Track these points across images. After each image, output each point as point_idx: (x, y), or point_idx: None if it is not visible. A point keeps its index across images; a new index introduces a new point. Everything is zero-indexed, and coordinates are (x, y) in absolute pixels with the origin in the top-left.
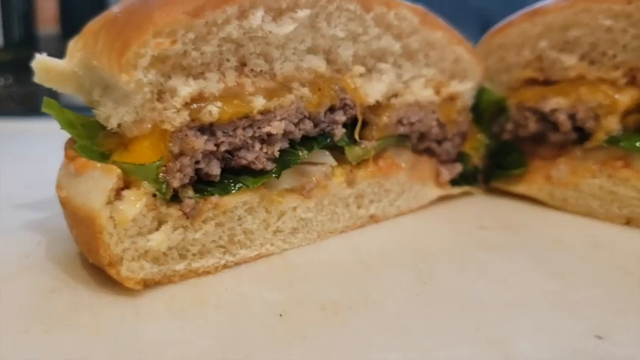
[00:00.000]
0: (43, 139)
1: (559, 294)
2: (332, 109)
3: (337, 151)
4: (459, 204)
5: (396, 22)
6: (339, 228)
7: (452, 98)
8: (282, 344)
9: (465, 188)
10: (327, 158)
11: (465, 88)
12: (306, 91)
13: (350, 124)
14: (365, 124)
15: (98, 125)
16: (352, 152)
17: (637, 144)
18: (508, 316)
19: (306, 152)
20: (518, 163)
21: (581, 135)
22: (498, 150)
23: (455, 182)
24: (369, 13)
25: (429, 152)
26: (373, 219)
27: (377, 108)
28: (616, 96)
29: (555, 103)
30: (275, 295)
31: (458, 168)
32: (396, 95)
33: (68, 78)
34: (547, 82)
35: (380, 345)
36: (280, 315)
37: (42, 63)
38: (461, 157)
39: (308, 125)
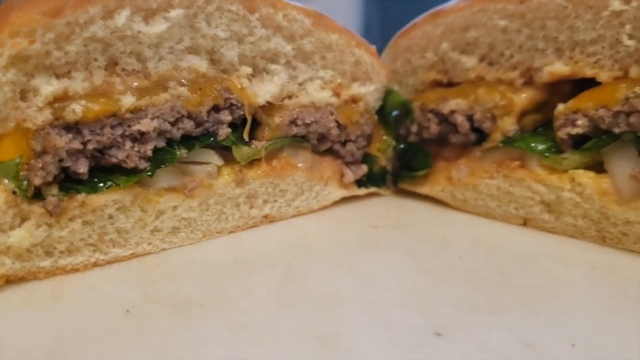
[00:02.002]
0: None
1: (420, 292)
2: (217, 109)
3: (229, 151)
4: (364, 204)
5: (285, 23)
6: (227, 228)
7: (354, 100)
8: (118, 338)
9: (373, 189)
10: (212, 157)
11: (367, 91)
12: (184, 90)
13: (241, 124)
14: (259, 124)
15: None
16: (240, 152)
17: (532, 144)
18: (358, 312)
19: (184, 151)
20: (424, 164)
21: (481, 136)
22: (406, 151)
23: (362, 183)
24: (253, 14)
25: (332, 153)
26: (268, 219)
27: (270, 108)
28: (512, 96)
29: (454, 104)
30: (133, 292)
31: (363, 169)
32: (290, 96)
33: None
34: (451, 84)
35: (215, 340)
36: (128, 311)
37: None
38: (367, 158)
39: (188, 124)
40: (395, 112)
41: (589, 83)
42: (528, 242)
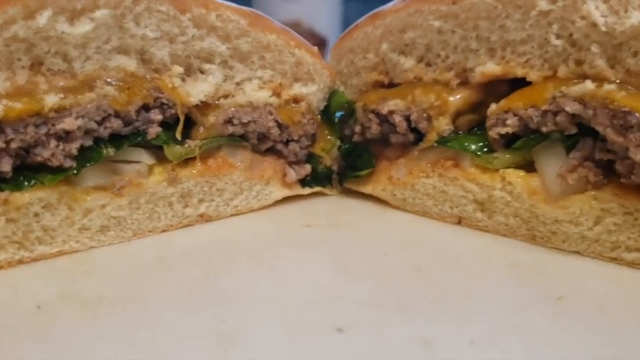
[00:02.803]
0: None
1: (332, 289)
2: (147, 108)
3: (162, 150)
4: (307, 204)
5: (219, 23)
6: (160, 226)
7: (296, 100)
8: (19, 334)
9: (317, 189)
10: (142, 156)
11: (310, 91)
12: (111, 89)
13: (176, 123)
14: (194, 123)
15: None
16: (172, 151)
17: (465, 144)
18: (265, 309)
19: (111, 150)
20: (368, 164)
21: (419, 136)
22: (351, 151)
23: (306, 183)
24: (184, 15)
25: (275, 153)
26: (204, 218)
27: (205, 108)
28: (447, 97)
29: (393, 104)
30: (48, 289)
31: (307, 169)
32: (226, 96)
33: None
34: (392, 85)
35: (113, 337)
36: (39, 307)
37: None
38: (311, 158)
39: (115, 123)
40: (341, 113)
41: (525, 83)
42: (458, 241)
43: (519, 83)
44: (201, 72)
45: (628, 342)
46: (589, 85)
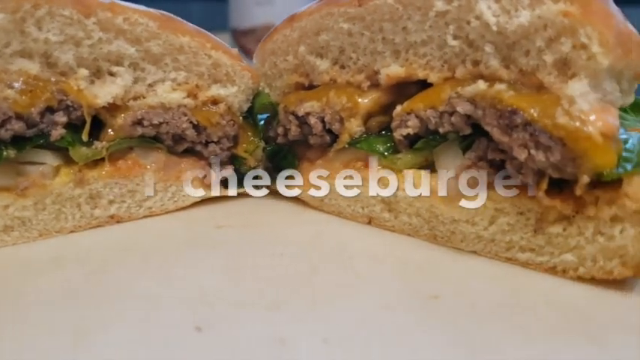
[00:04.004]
0: None
1: (210, 289)
2: (52, 111)
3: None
4: (230, 205)
5: (127, 26)
6: (68, 227)
7: (214, 102)
8: None
9: (241, 190)
10: (47, 157)
11: (229, 93)
12: (11, 92)
13: (82, 125)
14: (104, 125)
15: None
16: (77, 152)
17: (374, 145)
18: (133, 308)
19: (12, 152)
20: (291, 165)
21: (335, 137)
22: (276, 153)
23: (229, 184)
24: (89, 18)
25: (195, 154)
26: (114, 219)
27: (114, 109)
28: (357, 99)
29: (309, 106)
30: None
31: (229, 170)
32: (137, 97)
33: None
34: (312, 87)
35: None
36: None
37: None
38: (235, 159)
39: (16, 125)
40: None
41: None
42: (362, 241)
43: (428, 85)
44: (111, 74)
45: (482, 341)
46: (481, 85)
